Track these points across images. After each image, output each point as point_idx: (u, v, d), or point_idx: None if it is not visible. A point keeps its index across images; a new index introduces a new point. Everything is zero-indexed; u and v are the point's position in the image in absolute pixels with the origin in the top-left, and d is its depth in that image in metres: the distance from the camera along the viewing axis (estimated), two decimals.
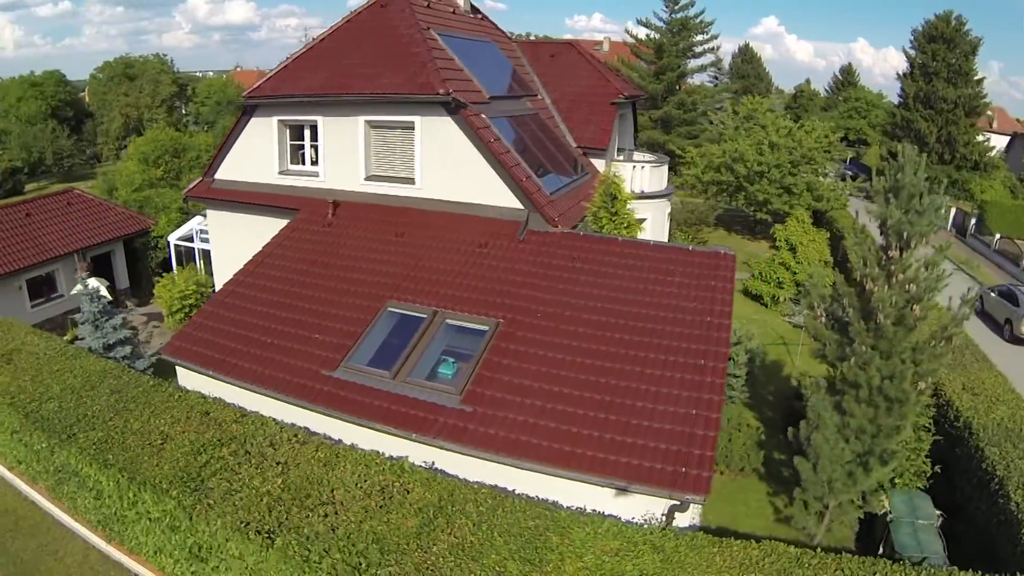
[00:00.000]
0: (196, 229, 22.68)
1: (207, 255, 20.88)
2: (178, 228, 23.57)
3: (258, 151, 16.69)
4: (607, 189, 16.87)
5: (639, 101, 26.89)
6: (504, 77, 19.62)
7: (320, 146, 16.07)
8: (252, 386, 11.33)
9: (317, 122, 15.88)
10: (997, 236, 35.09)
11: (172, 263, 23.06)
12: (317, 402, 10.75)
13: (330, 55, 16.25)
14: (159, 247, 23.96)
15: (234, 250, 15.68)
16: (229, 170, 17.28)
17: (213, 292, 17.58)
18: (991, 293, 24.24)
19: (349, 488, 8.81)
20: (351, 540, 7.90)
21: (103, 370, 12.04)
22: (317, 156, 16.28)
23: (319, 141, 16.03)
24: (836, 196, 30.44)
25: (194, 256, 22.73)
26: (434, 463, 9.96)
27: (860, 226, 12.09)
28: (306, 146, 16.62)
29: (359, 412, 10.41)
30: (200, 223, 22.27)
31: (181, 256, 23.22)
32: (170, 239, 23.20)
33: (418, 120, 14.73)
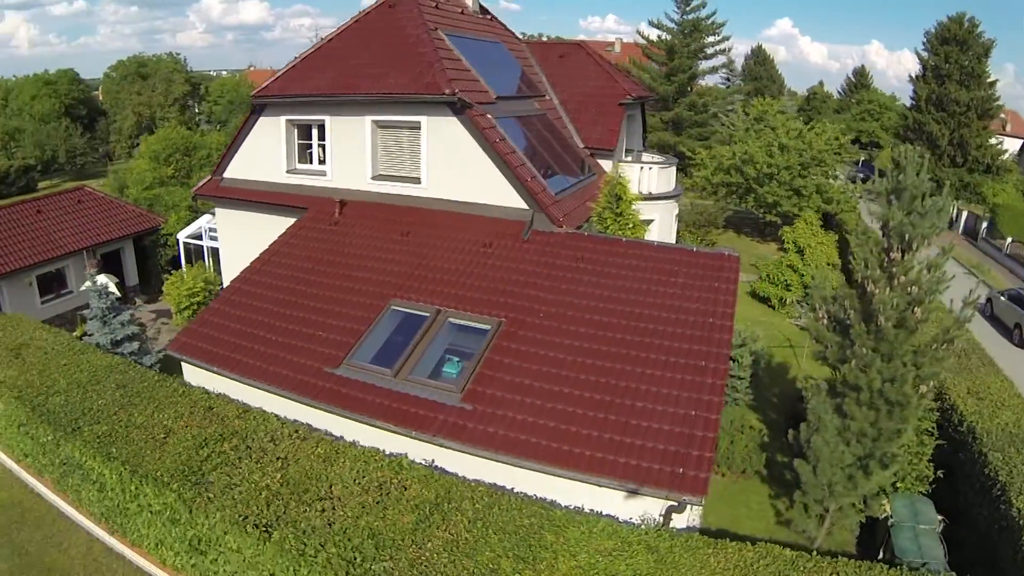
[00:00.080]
0: (205, 227, 22.87)
1: (216, 253, 21.02)
2: (187, 226, 23.75)
3: (266, 150, 16.85)
4: (612, 190, 16.86)
5: (648, 102, 26.86)
6: (512, 78, 19.67)
7: (327, 145, 16.18)
8: (256, 382, 11.43)
9: (325, 121, 16.01)
10: (1009, 240, 34.73)
11: (181, 261, 23.24)
12: (319, 399, 10.83)
13: (338, 55, 16.36)
14: (168, 245, 24.16)
15: (242, 248, 15.81)
16: (238, 169, 17.45)
17: (221, 290, 17.71)
18: (1001, 297, 23.93)
19: (347, 484, 8.87)
20: (347, 535, 7.96)
21: (109, 365, 12.18)
22: (325, 155, 16.39)
23: (326, 140, 16.15)
24: (846, 198, 30.23)
25: (203, 254, 22.94)
26: (434, 461, 10.01)
27: (862, 227, 12.01)
28: (314, 145, 16.74)
29: (360, 409, 10.48)
30: (209, 221, 22.49)
31: (190, 254, 23.40)
32: (179, 237, 23.37)
33: (424, 120, 14.81)
